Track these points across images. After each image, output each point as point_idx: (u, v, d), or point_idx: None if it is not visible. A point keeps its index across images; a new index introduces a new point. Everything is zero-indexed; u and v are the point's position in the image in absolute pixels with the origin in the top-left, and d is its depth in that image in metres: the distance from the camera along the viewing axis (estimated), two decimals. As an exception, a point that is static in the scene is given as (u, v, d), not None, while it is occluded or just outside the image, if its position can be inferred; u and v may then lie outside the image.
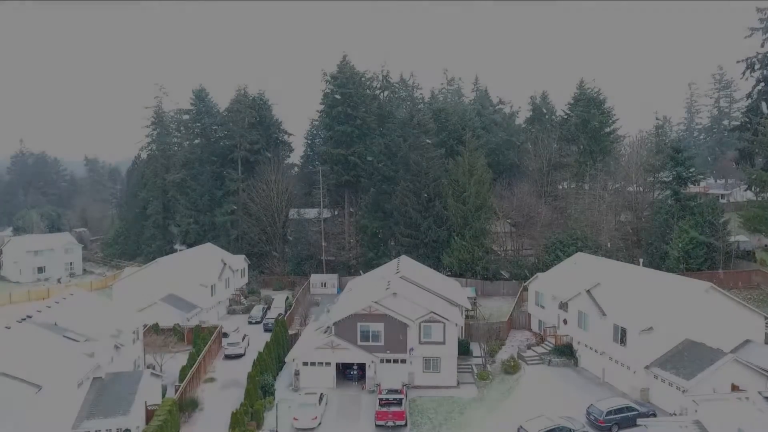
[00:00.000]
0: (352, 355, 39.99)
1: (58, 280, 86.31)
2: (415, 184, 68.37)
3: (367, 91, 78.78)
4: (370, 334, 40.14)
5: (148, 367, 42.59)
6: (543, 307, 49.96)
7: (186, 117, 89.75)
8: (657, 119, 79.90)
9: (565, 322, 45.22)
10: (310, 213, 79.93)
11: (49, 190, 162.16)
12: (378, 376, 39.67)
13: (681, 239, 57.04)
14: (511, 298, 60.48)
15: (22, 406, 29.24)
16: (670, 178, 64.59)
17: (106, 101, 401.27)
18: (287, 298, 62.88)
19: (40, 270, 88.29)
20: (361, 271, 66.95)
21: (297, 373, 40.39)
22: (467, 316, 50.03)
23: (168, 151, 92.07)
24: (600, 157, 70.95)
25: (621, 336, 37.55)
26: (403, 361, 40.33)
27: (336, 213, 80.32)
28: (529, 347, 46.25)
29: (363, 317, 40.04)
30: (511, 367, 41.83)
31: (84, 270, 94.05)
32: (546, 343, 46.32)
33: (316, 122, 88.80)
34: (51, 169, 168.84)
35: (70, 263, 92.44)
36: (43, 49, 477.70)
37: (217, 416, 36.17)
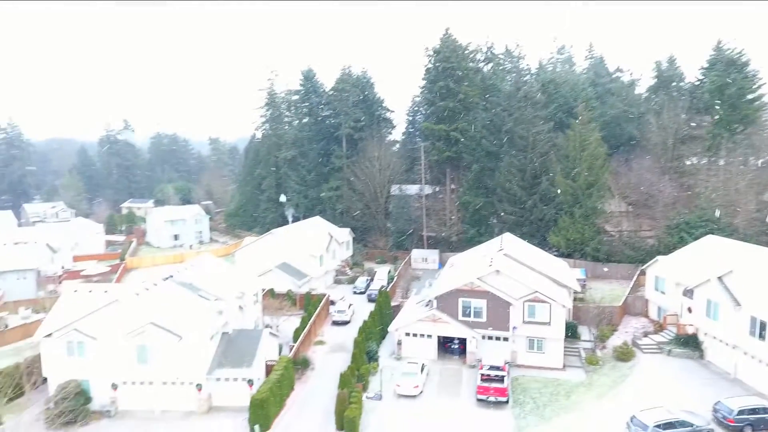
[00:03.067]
0: (453, 329, 40.34)
1: (190, 247, 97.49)
2: (521, 160, 65.77)
3: (471, 64, 76.71)
4: (472, 309, 40.09)
5: (266, 327, 46.85)
6: (663, 292, 45.93)
7: (295, 97, 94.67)
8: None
9: (689, 310, 41.22)
10: (412, 189, 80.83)
11: (180, 167, 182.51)
12: (479, 352, 39.68)
13: (844, 223, 48.51)
14: (625, 282, 56.38)
15: (167, 351, 34.11)
16: (833, 151, 54.82)
17: (227, 85, 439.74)
18: (389, 271, 64.75)
19: (176, 237, 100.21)
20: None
21: (399, 343, 41.82)
22: (576, 299, 47.73)
23: (279, 131, 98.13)
24: (740, 127, 62.20)
25: (759, 329, 33.38)
26: (506, 339, 39.83)
27: (437, 189, 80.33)
28: (645, 335, 43.04)
29: (465, 293, 40.05)
30: (624, 354, 39.33)
31: (210, 238, 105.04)
32: (666, 331, 42.73)
33: (418, 98, 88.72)
34: (181, 148, 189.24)
35: (200, 232, 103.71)
36: (169, 39, 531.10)
37: (327, 376, 38.89)
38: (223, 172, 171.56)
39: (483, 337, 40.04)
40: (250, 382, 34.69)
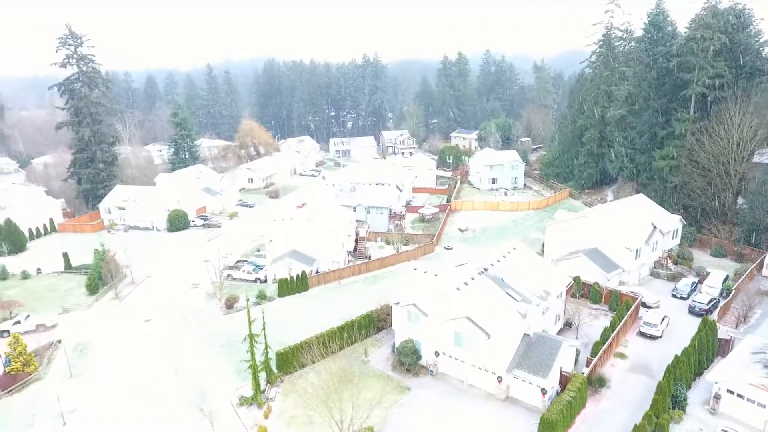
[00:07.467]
0: (801, 409, 32.84)
1: (505, 192, 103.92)
2: None
3: None
4: (838, 399, 31.38)
5: (566, 324, 48.49)
6: None
7: (634, 45, 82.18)
8: None
9: None
10: (785, 166, 62.32)
11: (503, 95, 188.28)
12: (837, 450, 31.50)
13: None
14: None
15: (477, 342, 40.57)
16: None
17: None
18: (726, 278, 54.49)
19: (493, 181, 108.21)
20: None
21: (717, 397, 36.99)
22: None
23: (610, 80, 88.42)
24: None
25: None
26: None
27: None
28: None
29: (831, 376, 31.41)
30: None
31: (524, 185, 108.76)
32: None
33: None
34: (506, 76, 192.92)
35: (515, 178, 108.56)
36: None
37: (622, 401, 38.73)
38: (544, 101, 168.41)
39: None
40: (544, 391, 38.09)
